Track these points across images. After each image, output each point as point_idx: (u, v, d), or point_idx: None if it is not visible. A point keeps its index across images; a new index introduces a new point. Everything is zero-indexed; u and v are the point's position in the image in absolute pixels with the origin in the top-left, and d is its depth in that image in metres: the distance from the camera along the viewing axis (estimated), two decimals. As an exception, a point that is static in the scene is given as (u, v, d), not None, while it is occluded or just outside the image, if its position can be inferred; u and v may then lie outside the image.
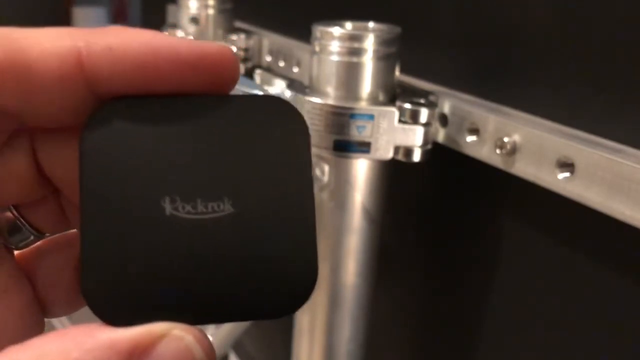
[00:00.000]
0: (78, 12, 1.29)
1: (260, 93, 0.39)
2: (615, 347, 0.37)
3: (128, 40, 0.16)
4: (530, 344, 0.43)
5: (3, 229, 0.20)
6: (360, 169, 0.41)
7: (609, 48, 0.35)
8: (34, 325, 0.20)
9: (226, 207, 0.16)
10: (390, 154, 0.40)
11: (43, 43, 0.16)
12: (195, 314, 0.16)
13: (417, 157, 0.40)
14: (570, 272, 0.39)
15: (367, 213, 0.42)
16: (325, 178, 0.41)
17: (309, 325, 0.47)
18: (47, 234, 0.21)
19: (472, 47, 0.43)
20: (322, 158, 0.41)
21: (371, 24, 0.40)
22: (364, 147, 0.39)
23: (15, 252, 0.21)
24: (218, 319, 0.17)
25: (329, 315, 0.45)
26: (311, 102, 0.39)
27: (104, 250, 0.16)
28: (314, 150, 0.39)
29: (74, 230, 0.22)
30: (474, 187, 0.45)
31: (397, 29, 0.40)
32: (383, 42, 0.39)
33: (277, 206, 0.17)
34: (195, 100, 0.17)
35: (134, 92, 0.17)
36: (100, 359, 0.14)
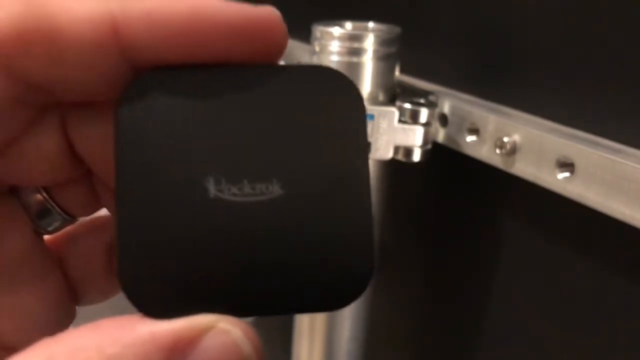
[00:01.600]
0: (78, 12, 1.29)
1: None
2: (616, 346, 0.37)
3: (168, 4, 0.15)
4: (530, 344, 0.43)
5: (32, 212, 0.19)
6: (360, 169, 0.41)
7: (609, 48, 0.35)
8: (65, 313, 0.20)
9: (275, 189, 0.15)
10: (390, 154, 0.40)
11: (74, 7, 0.15)
12: (241, 305, 0.15)
13: (417, 157, 0.40)
14: (571, 272, 0.39)
15: (367, 213, 0.42)
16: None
17: (309, 325, 0.47)
18: (78, 218, 0.20)
19: (472, 47, 0.43)
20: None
21: (371, 24, 0.40)
22: (364, 147, 0.39)
23: (45, 237, 0.20)
24: (265, 312, 0.15)
25: (329, 315, 0.45)
26: (311, 102, 0.39)
27: (141, 235, 0.15)
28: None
29: (106, 213, 0.20)
30: (474, 187, 0.45)
31: (397, 29, 0.40)
32: (383, 42, 0.39)
33: (331, 188, 0.15)
34: (240, 71, 0.16)
35: (173, 61, 0.15)
36: (140, 355, 0.13)
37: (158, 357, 0.13)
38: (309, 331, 0.47)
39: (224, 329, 0.14)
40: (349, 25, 0.40)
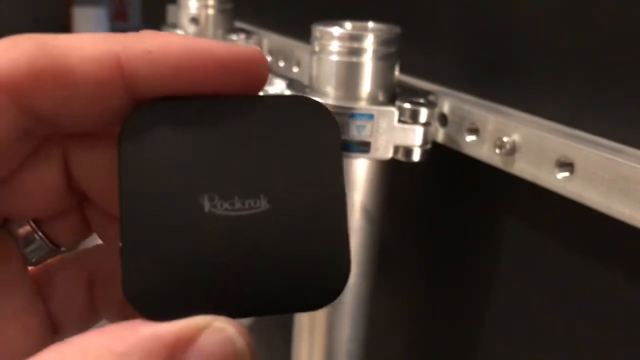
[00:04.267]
0: (78, 12, 1.29)
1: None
2: (616, 346, 0.37)
3: (166, 44, 0.17)
4: (530, 344, 0.43)
5: (20, 242, 0.20)
6: (360, 168, 0.41)
7: (609, 48, 0.35)
8: (44, 345, 0.19)
9: (262, 204, 0.17)
10: (390, 154, 0.40)
11: (82, 48, 0.16)
12: (235, 307, 0.16)
13: (416, 156, 0.40)
14: (570, 272, 0.39)
15: (367, 213, 0.42)
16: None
17: (309, 325, 0.47)
18: (63, 248, 0.21)
19: (472, 47, 0.43)
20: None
21: (371, 24, 0.40)
22: (364, 147, 0.39)
23: (29, 269, 0.20)
24: (256, 312, 0.17)
25: (329, 315, 0.45)
26: (311, 102, 0.39)
27: (144, 248, 0.16)
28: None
29: (87, 247, 0.21)
30: (474, 187, 0.45)
31: (397, 29, 0.40)
32: (383, 42, 0.39)
33: (312, 202, 0.17)
34: (228, 101, 0.18)
35: (170, 93, 0.17)
36: (145, 352, 0.15)
37: (161, 353, 0.15)
38: (309, 331, 0.47)
39: (219, 327, 0.15)
40: (348, 25, 0.40)
